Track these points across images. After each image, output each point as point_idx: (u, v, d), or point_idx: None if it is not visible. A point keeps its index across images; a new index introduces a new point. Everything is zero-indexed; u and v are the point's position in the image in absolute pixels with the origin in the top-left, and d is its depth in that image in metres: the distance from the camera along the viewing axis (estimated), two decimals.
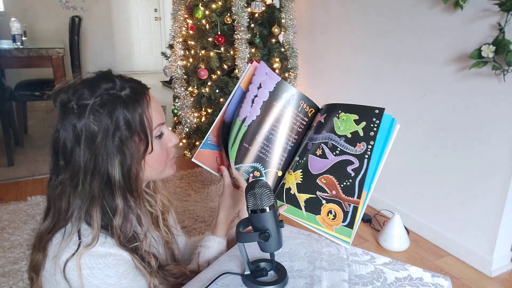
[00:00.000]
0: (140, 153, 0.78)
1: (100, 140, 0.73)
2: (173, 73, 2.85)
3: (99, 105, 0.74)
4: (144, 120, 0.77)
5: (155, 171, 0.84)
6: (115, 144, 0.74)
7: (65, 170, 0.76)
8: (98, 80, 0.77)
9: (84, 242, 0.73)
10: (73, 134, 0.74)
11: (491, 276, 1.85)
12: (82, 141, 0.73)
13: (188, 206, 2.40)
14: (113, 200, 0.77)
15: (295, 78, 2.87)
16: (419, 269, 0.82)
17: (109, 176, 0.75)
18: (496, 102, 1.75)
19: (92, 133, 0.73)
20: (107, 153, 0.74)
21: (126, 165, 0.76)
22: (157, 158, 0.83)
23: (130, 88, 0.78)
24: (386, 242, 2.04)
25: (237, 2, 2.52)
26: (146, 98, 0.79)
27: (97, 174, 0.75)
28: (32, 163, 3.02)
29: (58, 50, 3.04)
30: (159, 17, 6.91)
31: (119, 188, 0.76)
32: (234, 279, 0.77)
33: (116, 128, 0.74)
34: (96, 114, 0.73)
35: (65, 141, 0.74)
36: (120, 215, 0.77)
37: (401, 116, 2.23)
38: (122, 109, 0.75)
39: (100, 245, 0.74)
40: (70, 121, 0.73)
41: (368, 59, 2.42)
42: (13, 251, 1.91)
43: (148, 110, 0.79)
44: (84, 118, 0.73)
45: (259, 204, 0.72)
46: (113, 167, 0.75)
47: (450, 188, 2.01)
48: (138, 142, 0.78)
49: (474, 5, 1.75)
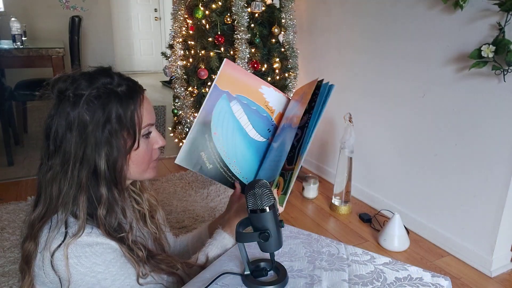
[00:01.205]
0: (127, 148, 0.81)
1: (91, 130, 0.76)
2: (173, 73, 2.85)
3: (94, 96, 0.77)
4: (135, 117, 0.80)
5: (137, 170, 0.86)
6: (104, 135, 0.77)
7: (55, 155, 0.78)
8: (97, 74, 0.80)
9: (70, 232, 0.75)
10: (65, 121, 0.76)
11: (491, 276, 1.85)
12: (74, 129, 0.76)
13: (188, 206, 2.40)
14: (98, 190, 0.79)
15: (295, 78, 2.87)
16: (419, 269, 0.82)
17: (96, 166, 0.78)
18: (496, 102, 1.75)
19: (84, 122, 0.76)
20: (95, 143, 0.77)
21: (112, 157, 0.79)
22: (141, 156, 0.85)
23: (126, 86, 0.81)
24: (386, 242, 2.04)
25: (237, 2, 2.52)
26: (140, 98, 0.82)
27: (85, 162, 0.77)
28: (32, 163, 3.02)
29: (58, 50, 3.04)
30: (159, 17, 6.91)
31: (104, 179, 0.79)
32: (234, 279, 0.77)
33: (107, 120, 0.77)
34: (90, 104, 0.76)
35: (58, 127, 0.77)
36: (104, 205, 0.79)
37: (401, 116, 2.23)
38: (116, 104, 0.78)
39: (86, 235, 0.75)
40: (65, 108, 0.76)
41: (368, 59, 2.42)
42: (13, 250, 1.91)
43: (140, 109, 0.81)
44: (78, 107, 0.76)
45: (259, 204, 0.72)
46: (100, 158, 0.77)
47: (450, 188, 2.01)
48: (126, 137, 0.80)
49: (474, 5, 1.75)
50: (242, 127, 1.01)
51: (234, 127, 1.01)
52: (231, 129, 1.01)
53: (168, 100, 4.47)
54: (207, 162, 1.00)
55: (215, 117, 1.01)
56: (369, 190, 2.52)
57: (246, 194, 0.73)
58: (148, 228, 0.96)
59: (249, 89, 1.02)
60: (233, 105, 1.01)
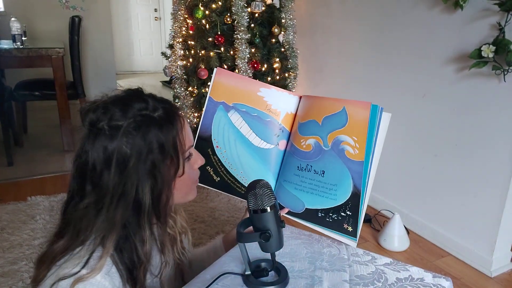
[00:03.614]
0: (171, 177, 0.75)
1: (133, 163, 0.70)
2: (173, 73, 2.85)
3: (133, 127, 0.70)
4: (177, 142, 0.74)
5: (181, 195, 0.81)
6: (146, 167, 0.71)
7: (91, 194, 0.71)
8: (130, 100, 0.73)
9: (89, 265, 0.68)
10: (103, 156, 0.69)
11: (491, 276, 1.85)
12: (113, 164, 0.69)
13: (188, 206, 2.40)
14: (139, 229, 0.72)
15: (295, 78, 2.87)
16: (420, 270, 0.82)
17: (139, 202, 0.71)
18: (496, 102, 1.75)
19: (124, 156, 0.69)
20: (138, 178, 0.70)
21: (157, 189, 0.73)
22: (186, 181, 0.79)
23: (163, 109, 0.74)
24: (386, 242, 2.04)
25: (237, 2, 2.52)
26: (180, 120, 0.76)
27: (123, 200, 0.70)
28: (32, 163, 3.02)
29: (58, 50, 3.03)
30: (159, 17, 6.91)
31: (147, 215, 0.72)
32: (235, 279, 0.77)
33: (149, 151, 0.71)
34: (130, 136, 0.70)
35: (95, 163, 0.70)
36: (147, 243, 0.73)
37: (401, 116, 2.23)
38: (156, 131, 0.71)
39: (102, 275, 0.68)
40: (101, 142, 0.69)
41: (368, 58, 2.42)
42: (12, 251, 1.91)
43: (182, 133, 0.76)
44: (116, 140, 0.69)
45: (260, 204, 0.72)
46: (144, 193, 0.71)
47: (450, 188, 2.01)
48: (169, 165, 0.74)
49: (474, 5, 1.75)
50: (244, 136, 0.97)
51: (236, 137, 0.97)
52: (233, 140, 0.97)
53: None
54: (214, 175, 0.98)
55: (215, 130, 0.98)
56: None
57: (247, 194, 0.73)
58: (175, 253, 0.91)
59: (246, 95, 0.97)
60: (231, 115, 0.97)
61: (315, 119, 0.91)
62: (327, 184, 0.89)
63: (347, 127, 0.87)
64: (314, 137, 0.90)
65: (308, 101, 0.95)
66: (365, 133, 0.85)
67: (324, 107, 0.91)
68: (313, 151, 0.90)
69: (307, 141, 0.92)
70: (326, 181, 0.89)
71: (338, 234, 0.89)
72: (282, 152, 0.97)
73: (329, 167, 0.88)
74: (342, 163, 0.87)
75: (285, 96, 0.97)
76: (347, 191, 0.87)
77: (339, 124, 0.88)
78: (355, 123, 0.87)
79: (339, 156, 0.87)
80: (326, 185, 0.89)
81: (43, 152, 3.21)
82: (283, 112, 0.97)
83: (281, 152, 0.97)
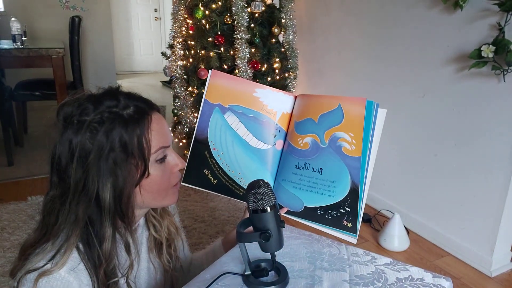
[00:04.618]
0: (136, 177, 0.74)
1: (93, 158, 0.69)
2: (173, 73, 2.85)
3: (97, 122, 0.70)
4: (142, 142, 0.73)
5: (153, 197, 0.79)
6: (108, 165, 0.70)
7: (57, 187, 0.72)
8: (103, 96, 0.74)
9: (54, 260, 0.68)
10: (68, 149, 0.70)
11: (491, 276, 1.85)
12: (75, 158, 0.69)
13: (188, 206, 2.40)
14: (101, 226, 0.72)
15: (295, 78, 2.87)
16: (420, 270, 0.82)
17: (99, 199, 0.71)
18: (496, 102, 1.75)
19: (86, 151, 0.69)
20: (99, 174, 0.70)
21: (119, 188, 0.72)
22: (156, 183, 0.77)
23: (134, 107, 0.74)
24: (386, 242, 2.04)
25: (237, 2, 2.52)
26: (148, 119, 0.74)
27: (84, 196, 0.70)
28: (32, 163, 3.02)
29: (58, 50, 3.03)
30: (159, 17, 6.91)
31: (108, 213, 0.72)
32: (235, 279, 0.77)
33: (111, 148, 0.70)
34: (93, 131, 0.69)
35: (60, 156, 0.71)
36: (107, 242, 0.72)
37: (401, 116, 2.23)
38: (120, 129, 0.70)
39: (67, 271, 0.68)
40: (68, 136, 0.70)
41: (368, 59, 2.42)
42: (13, 251, 1.91)
43: (148, 132, 0.74)
44: (80, 134, 0.69)
45: (260, 204, 0.72)
46: (104, 190, 0.70)
47: (450, 188, 2.01)
48: (134, 165, 0.73)
49: (474, 5, 1.75)
50: (241, 137, 0.97)
51: (233, 139, 0.97)
52: (230, 141, 0.97)
53: (168, 100, 4.47)
54: (212, 178, 0.98)
55: (211, 132, 0.98)
56: (369, 190, 2.52)
57: (247, 194, 0.73)
58: (162, 259, 0.90)
59: (242, 96, 0.97)
60: (227, 116, 0.97)
61: (311, 117, 0.91)
62: (325, 181, 0.89)
63: (344, 123, 0.88)
64: (311, 135, 0.91)
65: (303, 100, 0.96)
66: (361, 129, 0.86)
67: (319, 105, 0.91)
68: (311, 149, 0.91)
69: (304, 139, 0.92)
70: (324, 178, 0.89)
71: (338, 231, 0.89)
72: (280, 152, 0.98)
73: (327, 164, 0.89)
74: (339, 159, 0.88)
75: (281, 96, 0.98)
76: (345, 188, 0.88)
77: (336, 121, 0.88)
78: (351, 119, 0.87)
79: (337, 153, 0.88)
80: (325, 182, 0.89)
81: (44, 152, 3.20)
82: (279, 112, 0.97)
83: (279, 152, 0.98)
